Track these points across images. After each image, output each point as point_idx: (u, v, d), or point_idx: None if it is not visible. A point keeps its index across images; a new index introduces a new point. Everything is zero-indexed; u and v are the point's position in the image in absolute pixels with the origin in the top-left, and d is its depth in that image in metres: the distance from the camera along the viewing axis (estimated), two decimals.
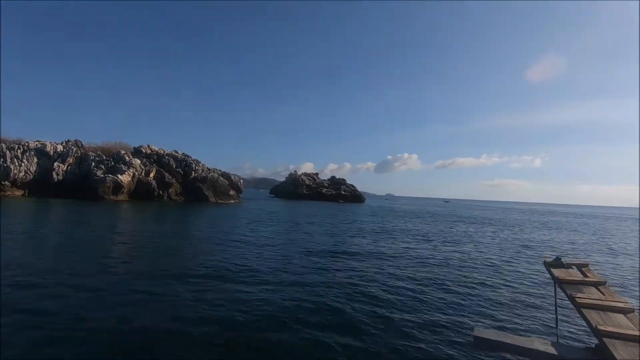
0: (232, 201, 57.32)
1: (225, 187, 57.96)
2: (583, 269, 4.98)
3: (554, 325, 5.36)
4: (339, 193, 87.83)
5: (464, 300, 8.65)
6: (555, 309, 5.20)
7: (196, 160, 58.03)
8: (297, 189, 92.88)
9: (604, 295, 4.16)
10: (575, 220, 53.69)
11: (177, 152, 58.78)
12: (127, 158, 50.76)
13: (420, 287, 9.75)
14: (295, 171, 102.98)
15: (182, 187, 54.49)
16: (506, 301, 8.70)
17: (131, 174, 48.56)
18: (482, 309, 8.01)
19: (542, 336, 6.13)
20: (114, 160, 50.58)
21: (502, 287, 10.25)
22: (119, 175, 46.33)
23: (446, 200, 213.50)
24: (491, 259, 15.07)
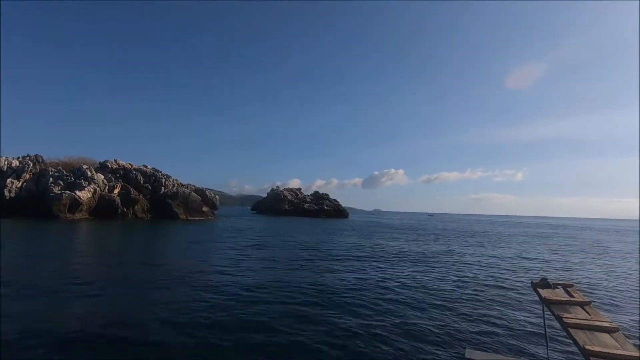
0: (204, 218, 54.15)
1: (198, 203, 54.90)
2: (568, 289, 4.99)
3: (544, 345, 5.36)
4: (322, 208, 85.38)
5: (452, 321, 8.06)
6: (545, 329, 5.25)
7: (166, 175, 55.12)
8: (278, 205, 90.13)
9: (590, 315, 4.18)
10: (564, 232, 52.57)
11: (146, 166, 55.81)
12: (89, 173, 47.56)
13: (403, 308, 8.91)
14: (277, 186, 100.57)
15: (151, 203, 51.26)
16: (496, 321, 8.20)
17: (92, 190, 45.21)
18: (472, 330, 7.51)
19: (533, 356, 6.18)
20: (75, 175, 47.29)
21: (491, 306, 9.57)
22: (77, 192, 42.96)
23: (430, 214, 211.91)
24: (476, 276, 13.92)
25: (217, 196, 62.99)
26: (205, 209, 56.17)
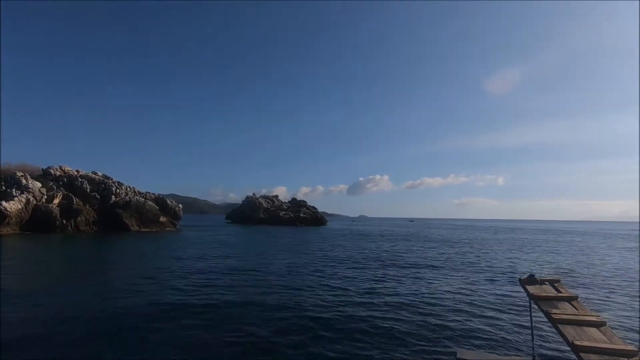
0: (160, 230, 49.00)
1: (154, 213, 49.86)
2: (555, 284, 5.00)
3: (532, 342, 5.41)
4: (298, 216, 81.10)
5: (443, 324, 7.98)
6: (531, 325, 5.31)
7: (118, 182, 49.95)
8: (253, 213, 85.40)
9: (577, 310, 4.18)
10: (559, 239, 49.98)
11: (95, 173, 50.54)
12: (23, 181, 42.11)
13: (390, 315, 8.76)
14: (253, 194, 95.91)
15: (98, 214, 45.93)
16: (486, 321, 8.18)
17: (24, 201, 39.76)
18: (462, 331, 7.45)
19: (523, 354, 6.10)
20: (7, 184, 41.76)
21: (478, 307, 9.62)
22: (4, 202, 37.52)
23: (411, 220, 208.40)
24: (462, 279, 14.13)
25: (180, 205, 57.92)
26: (163, 219, 51.10)
